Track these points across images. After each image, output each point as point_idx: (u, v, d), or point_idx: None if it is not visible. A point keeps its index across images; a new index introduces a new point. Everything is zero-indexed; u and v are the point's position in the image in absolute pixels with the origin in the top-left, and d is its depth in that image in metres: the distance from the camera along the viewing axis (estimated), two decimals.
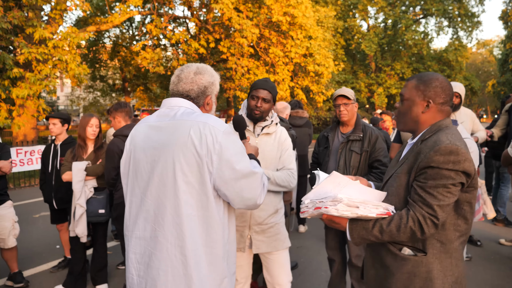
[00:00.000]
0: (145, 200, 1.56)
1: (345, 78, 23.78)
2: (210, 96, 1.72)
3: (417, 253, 1.52)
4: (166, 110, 1.64)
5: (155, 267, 1.51)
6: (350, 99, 2.86)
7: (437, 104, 1.57)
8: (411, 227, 1.44)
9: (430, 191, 1.44)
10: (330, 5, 22.58)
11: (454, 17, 25.43)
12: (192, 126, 1.51)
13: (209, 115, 1.59)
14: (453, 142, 1.45)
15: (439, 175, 1.43)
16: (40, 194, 4.22)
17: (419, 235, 1.44)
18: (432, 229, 1.44)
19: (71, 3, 11.08)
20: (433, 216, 1.43)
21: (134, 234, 1.59)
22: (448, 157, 1.43)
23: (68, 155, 3.60)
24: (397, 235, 1.47)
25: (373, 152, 2.82)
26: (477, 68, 47.41)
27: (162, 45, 18.28)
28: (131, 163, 1.65)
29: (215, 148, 1.49)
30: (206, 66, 1.73)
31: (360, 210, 1.47)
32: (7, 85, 9.61)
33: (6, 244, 3.64)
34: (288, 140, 2.51)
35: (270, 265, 2.47)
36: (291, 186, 2.43)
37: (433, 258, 1.49)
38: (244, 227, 2.37)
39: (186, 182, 1.48)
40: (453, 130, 1.54)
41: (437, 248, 1.50)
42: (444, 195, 1.43)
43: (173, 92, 1.69)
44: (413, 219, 1.44)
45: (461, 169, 1.43)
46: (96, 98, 28.32)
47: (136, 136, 1.65)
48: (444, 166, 1.43)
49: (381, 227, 1.49)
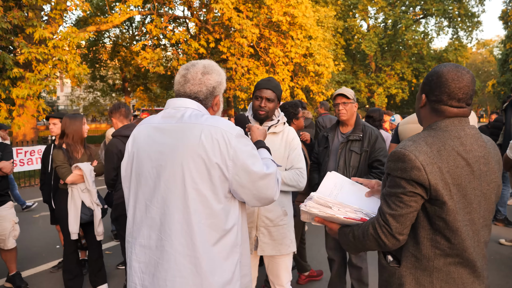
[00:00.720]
0: (150, 207, 1.49)
1: (345, 78, 23.77)
2: (219, 96, 1.65)
3: (393, 263, 1.46)
4: (172, 111, 1.55)
5: (162, 278, 1.44)
6: (349, 98, 2.86)
7: (431, 101, 1.40)
8: (372, 234, 1.37)
9: (386, 198, 1.35)
10: (330, 5, 22.57)
11: (454, 17, 25.41)
12: (203, 130, 1.43)
13: (218, 118, 1.52)
14: (406, 147, 1.30)
15: (392, 183, 1.33)
16: (40, 194, 4.22)
17: (381, 243, 1.36)
18: (391, 239, 1.33)
19: (71, 3, 11.09)
20: (386, 225, 1.33)
21: (138, 241, 1.52)
22: (396, 163, 1.31)
23: (62, 157, 3.41)
24: (364, 241, 1.41)
25: (372, 152, 2.82)
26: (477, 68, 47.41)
27: (162, 45, 18.28)
28: (134, 166, 1.56)
29: (229, 153, 1.43)
30: (212, 64, 1.64)
31: (332, 210, 1.46)
32: (7, 85, 9.61)
33: (6, 245, 3.64)
34: (296, 139, 2.47)
35: (273, 267, 2.46)
36: (300, 186, 2.38)
37: (406, 271, 1.39)
38: (251, 228, 2.34)
39: (196, 190, 1.42)
40: (431, 133, 1.35)
41: (411, 262, 1.38)
42: (396, 204, 1.31)
43: (179, 93, 1.59)
44: (373, 226, 1.37)
45: (409, 177, 1.28)
46: (96, 98, 28.32)
47: (139, 137, 1.56)
48: (394, 173, 1.32)
49: (353, 232, 1.45)
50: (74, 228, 3.39)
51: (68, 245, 3.51)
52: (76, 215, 3.42)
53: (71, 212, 3.41)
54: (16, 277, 3.72)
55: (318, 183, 3.00)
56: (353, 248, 1.51)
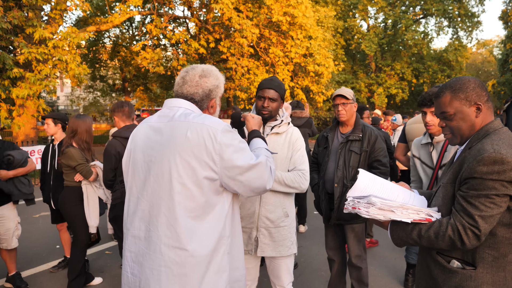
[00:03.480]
0: (141, 199, 1.59)
1: (345, 78, 23.78)
2: (215, 99, 1.72)
3: (466, 266, 1.45)
4: (166, 111, 1.65)
5: (148, 267, 1.53)
6: (349, 99, 2.86)
7: (484, 103, 1.51)
8: (449, 236, 1.39)
9: (471, 201, 1.38)
10: (330, 5, 22.58)
11: (454, 17, 25.42)
12: (189, 127, 1.52)
13: (205, 116, 1.59)
14: (498, 151, 1.37)
15: (482, 186, 1.37)
16: (40, 194, 4.22)
17: (458, 245, 1.39)
18: (473, 241, 1.37)
19: (71, 3, 11.09)
20: (474, 227, 1.36)
21: (130, 232, 1.62)
22: (492, 167, 1.36)
23: (81, 156, 3.48)
24: (435, 242, 1.42)
25: (372, 152, 2.82)
26: (477, 68, 47.39)
27: (162, 45, 18.28)
28: (131, 162, 1.67)
29: (215, 148, 1.50)
30: (211, 69, 1.72)
31: (396, 215, 1.45)
32: (7, 85, 9.61)
33: (10, 245, 3.64)
34: (300, 140, 2.44)
35: (274, 268, 2.45)
36: (302, 188, 2.36)
37: (483, 272, 1.42)
38: (252, 228, 2.34)
39: (182, 184, 1.49)
40: (501, 135, 1.46)
41: (489, 262, 1.42)
42: (486, 205, 1.36)
43: (177, 94, 1.69)
44: (453, 228, 1.39)
45: (508, 179, 1.35)
46: (96, 98, 28.34)
47: (137, 136, 1.68)
48: (487, 176, 1.36)
49: (419, 231, 1.45)
50: (96, 222, 3.52)
51: (78, 242, 3.54)
52: (95, 209, 3.52)
53: (90, 207, 3.50)
54: (16, 277, 3.72)
55: (317, 184, 3.02)
56: (407, 243, 1.53)
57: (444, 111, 1.54)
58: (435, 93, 1.63)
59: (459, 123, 1.53)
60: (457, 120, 1.53)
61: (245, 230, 2.32)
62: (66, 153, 3.49)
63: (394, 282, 3.72)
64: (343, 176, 2.81)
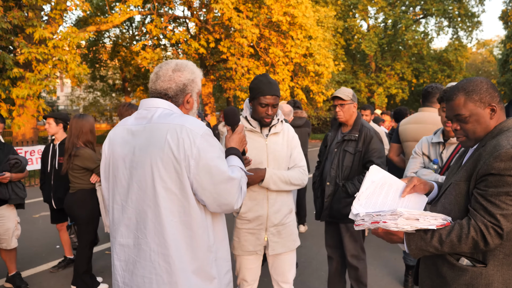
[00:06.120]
0: (126, 207, 1.54)
1: (345, 78, 23.77)
2: (190, 94, 1.64)
3: (476, 263, 1.43)
4: (144, 112, 1.58)
5: (140, 275, 1.50)
6: (346, 100, 2.86)
7: (498, 103, 1.49)
8: (473, 237, 1.35)
9: (491, 199, 1.35)
10: (330, 5, 22.57)
11: (454, 17, 25.40)
12: (169, 130, 1.46)
13: (187, 117, 1.53)
14: None
15: (501, 182, 1.35)
16: (40, 194, 4.22)
17: (482, 246, 1.36)
18: (496, 240, 1.35)
19: (71, 3, 11.09)
20: (497, 225, 1.34)
21: (117, 241, 1.58)
22: (510, 163, 1.34)
23: (96, 157, 3.49)
24: (458, 246, 1.38)
25: (366, 153, 2.81)
26: (477, 68, 47.36)
27: (162, 45, 18.29)
28: (110, 168, 1.60)
29: (192, 152, 1.44)
30: (186, 63, 1.65)
31: (420, 222, 1.40)
32: (7, 85, 9.62)
33: (9, 245, 3.64)
34: (296, 137, 2.51)
35: (279, 265, 2.48)
36: (304, 184, 2.46)
37: (494, 270, 1.40)
38: (260, 230, 2.37)
39: (165, 189, 1.45)
40: None
41: (500, 259, 1.40)
42: (507, 203, 1.34)
43: (151, 90, 1.63)
44: (475, 228, 1.36)
45: None
46: (96, 98, 28.33)
47: (114, 140, 1.60)
48: (506, 172, 1.34)
49: (440, 237, 1.40)
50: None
51: (85, 241, 3.55)
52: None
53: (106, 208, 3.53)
54: (16, 277, 3.72)
55: (315, 182, 3.07)
56: (425, 253, 1.46)
57: (459, 113, 1.50)
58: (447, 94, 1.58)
59: (474, 125, 1.49)
60: (472, 122, 1.49)
61: (253, 232, 2.37)
62: (82, 155, 3.43)
63: (394, 282, 3.73)
64: (336, 175, 2.83)
